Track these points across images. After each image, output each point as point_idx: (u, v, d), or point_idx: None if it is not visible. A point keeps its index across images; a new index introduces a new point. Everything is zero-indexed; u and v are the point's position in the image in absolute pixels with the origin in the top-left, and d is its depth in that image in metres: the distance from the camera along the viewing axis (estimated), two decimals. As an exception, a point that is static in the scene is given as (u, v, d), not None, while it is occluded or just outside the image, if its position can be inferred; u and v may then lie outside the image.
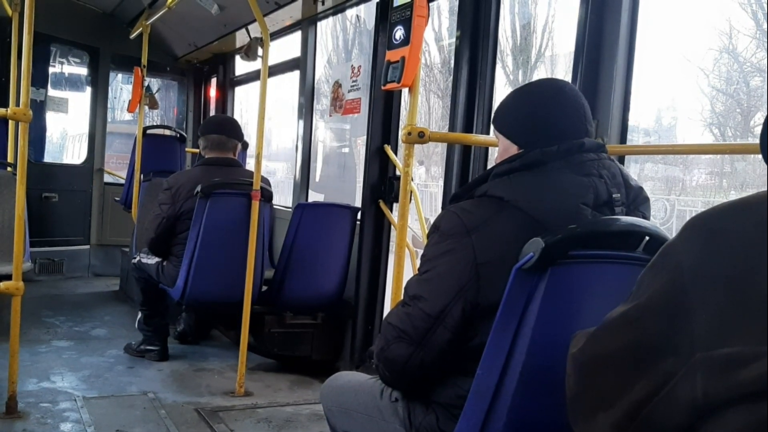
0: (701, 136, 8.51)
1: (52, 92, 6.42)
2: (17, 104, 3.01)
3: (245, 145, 5.27)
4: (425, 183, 12.90)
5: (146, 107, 5.56)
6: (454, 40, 3.37)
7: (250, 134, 5.93)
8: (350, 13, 5.31)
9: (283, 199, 5.68)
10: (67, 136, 7.89)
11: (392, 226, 3.69)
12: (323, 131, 5.99)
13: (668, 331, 0.78)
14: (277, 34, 5.12)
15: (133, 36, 5.61)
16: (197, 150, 4.98)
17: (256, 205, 3.51)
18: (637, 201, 1.57)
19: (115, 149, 7.58)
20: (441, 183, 3.63)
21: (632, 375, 0.82)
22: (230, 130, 3.97)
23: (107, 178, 6.76)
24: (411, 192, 2.66)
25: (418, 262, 1.58)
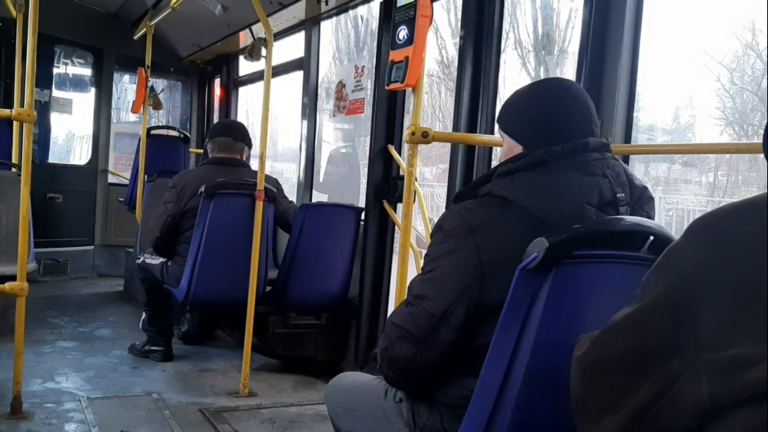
0: (720, 136, 8.41)
1: (56, 93, 6.43)
2: (22, 105, 3.01)
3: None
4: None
5: (150, 108, 5.57)
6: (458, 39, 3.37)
7: (255, 134, 5.93)
8: (359, 11, 5.29)
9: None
10: (71, 136, 7.90)
11: (396, 227, 3.69)
12: (328, 131, 5.98)
13: (673, 333, 0.78)
14: (280, 35, 5.12)
15: (137, 37, 5.62)
16: (201, 150, 4.98)
17: (260, 205, 3.51)
18: (642, 200, 1.56)
19: (123, 151, 7.56)
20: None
21: (637, 377, 0.82)
22: (237, 134, 3.97)
23: (111, 179, 6.77)
24: (415, 192, 2.66)
25: (422, 262, 1.58)
